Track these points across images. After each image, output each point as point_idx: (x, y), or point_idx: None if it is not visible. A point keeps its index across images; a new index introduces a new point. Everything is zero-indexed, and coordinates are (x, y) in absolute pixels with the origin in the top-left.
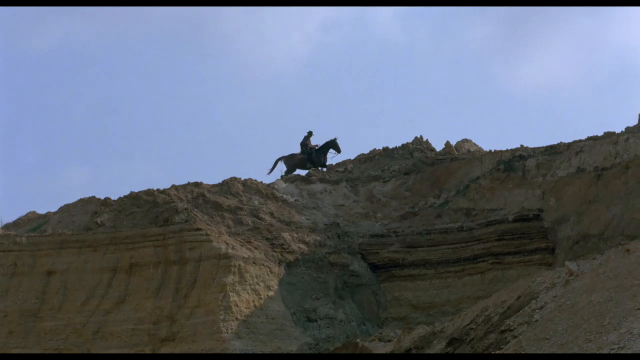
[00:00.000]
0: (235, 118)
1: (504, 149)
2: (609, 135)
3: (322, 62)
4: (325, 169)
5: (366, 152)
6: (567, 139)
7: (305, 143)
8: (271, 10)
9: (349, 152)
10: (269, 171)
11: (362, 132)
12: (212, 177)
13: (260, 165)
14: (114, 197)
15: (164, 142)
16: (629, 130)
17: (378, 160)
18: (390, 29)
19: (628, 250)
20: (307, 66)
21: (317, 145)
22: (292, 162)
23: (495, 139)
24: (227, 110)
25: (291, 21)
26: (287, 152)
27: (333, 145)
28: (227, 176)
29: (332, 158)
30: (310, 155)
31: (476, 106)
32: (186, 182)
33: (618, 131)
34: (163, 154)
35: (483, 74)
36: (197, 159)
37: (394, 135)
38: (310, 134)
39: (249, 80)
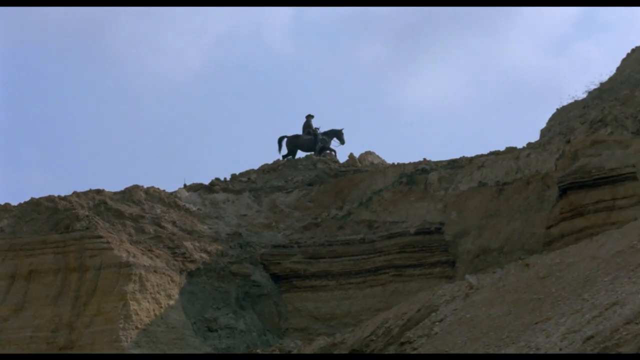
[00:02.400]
0: (135, 126)
1: (407, 161)
2: (510, 150)
3: (215, 75)
4: (326, 154)
5: (270, 162)
6: (470, 154)
7: (309, 125)
8: (167, 23)
9: (252, 162)
10: (279, 151)
11: (262, 144)
12: (114, 184)
13: (162, 173)
14: (14, 203)
15: (64, 149)
16: (530, 145)
17: (281, 171)
18: (283, 45)
19: (527, 265)
20: (200, 79)
21: (318, 128)
22: (296, 142)
23: (398, 152)
24: (129, 118)
25: (186, 34)
26: (288, 133)
27: (338, 135)
28: (129, 184)
29: (336, 147)
30: (316, 138)
31: (375, 120)
32: (87, 189)
33: (519, 146)
34: (64, 161)
35: (376, 88)
36: (99, 166)
37: None
38: (311, 116)
39: (144, 89)
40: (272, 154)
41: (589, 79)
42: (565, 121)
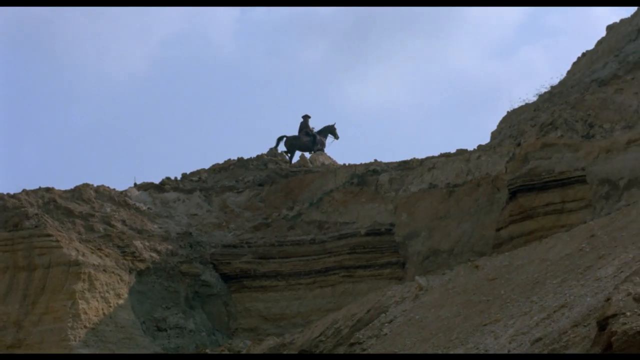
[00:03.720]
0: (84, 125)
1: (358, 162)
2: (461, 152)
3: (160, 77)
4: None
5: (221, 161)
6: (420, 155)
7: (306, 126)
8: (112, 25)
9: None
10: (275, 149)
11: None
12: (64, 182)
13: (112, 172)
14: None
15: (13, 147)
16: (480, 147)
17: (232, 171)
18: (228, 46)
19: (477, 266)
20: (145, 81)
21: (313, 128)
22: (296, 143)
23: (349, 153)
24: (78, 116)
25: (131, 36)
26: (288, 133)
27: (331, 130)
28: (79, 182)
29: (331, 143)
30: (315, 138)
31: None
32: (37, 187)
33: (470, 148)
34: (13, 159)
35: (322, 90)
36: (49, 164)
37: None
38: (308, 116)
39: (91, 89)
40: (224, 154)
41: (534, 84)
42: (515, 124)
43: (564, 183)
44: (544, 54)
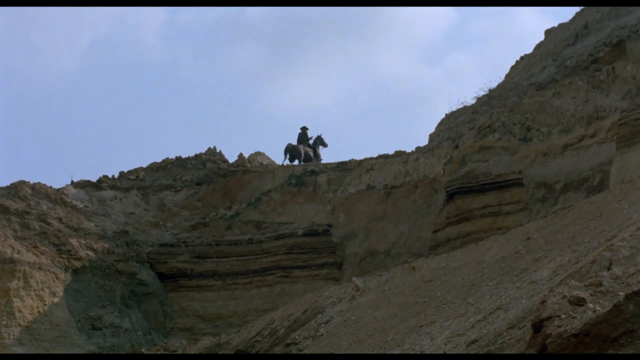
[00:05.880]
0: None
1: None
2: (399, 153)
3: (91, 77)
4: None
5: (159, 160)
6: (359, 157)
7: (305, 137)
8: (42, 24)
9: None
10: (283, 159)
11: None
12: None
13: (49, 170)
14: None
15: None
16: (419, 149)
17: (170, 170)
18: (156, 49)
19: (413, 268)
20: (76, 81)
21: (311, 138)
22: (298, 153)
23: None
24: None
25: (61, 36)
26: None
27: (321, 141)
28: (15, 179)
29: (323, 150)
30: (315, 152)
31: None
32: None
33: (409, 150)
34: None
35: (253, 92)
36: None
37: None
38: (306, 128)
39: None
40: (163, 153)
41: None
42: (454, 126)
43: (501, 186)
44: (473, 59)
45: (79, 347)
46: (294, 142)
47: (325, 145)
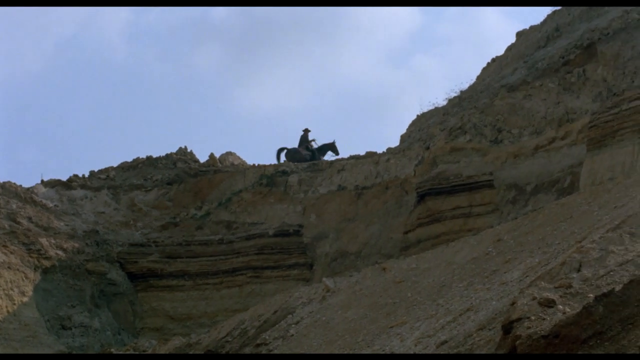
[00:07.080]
0: None
1: (268, 163)
2: (370, 154)
3: (57, 77)
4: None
5: (129, 160)
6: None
7: (307, 140)
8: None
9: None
10: (277, 161)
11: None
12: None
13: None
14: None
15: None
16: (390, 150)
17: (141, 169)
18: (121, 50)
19: (384, 269)
20: (42, 81)
21: (313, 140)
22: (295, 156)
23: (258, 154)
24: None
25: (27, 36)
26: (288, 145)
27: (332, 147)
28: None
29: (333, 158)
30: (314, 154)
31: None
32: None
33: (380, 151)
34: None
35: (218, 94)
36: None
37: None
38: (308, 130)
39: None
40: (132, 152)
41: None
42: (425, 127)
43: (472, 187)
44: (438, 61)
45: (48, 347)
46: (282, 145)
47: (337, 153)
